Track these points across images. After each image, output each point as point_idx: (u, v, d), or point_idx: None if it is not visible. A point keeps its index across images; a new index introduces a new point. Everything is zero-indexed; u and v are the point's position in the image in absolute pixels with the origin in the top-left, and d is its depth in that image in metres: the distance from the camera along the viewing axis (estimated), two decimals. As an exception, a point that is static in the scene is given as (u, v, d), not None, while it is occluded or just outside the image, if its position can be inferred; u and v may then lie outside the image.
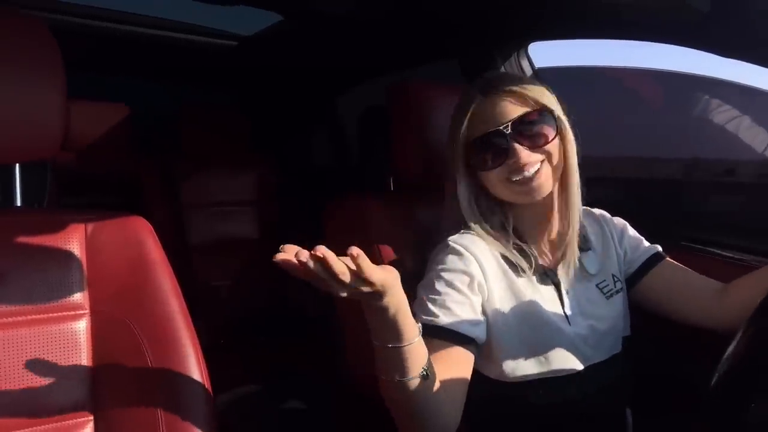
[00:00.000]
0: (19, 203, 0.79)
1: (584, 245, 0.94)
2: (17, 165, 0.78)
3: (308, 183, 2.22)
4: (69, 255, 0.72)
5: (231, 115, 2.11)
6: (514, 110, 0.85)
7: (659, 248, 0.99)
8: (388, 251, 1.00)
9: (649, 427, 0.98)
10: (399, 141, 1.07)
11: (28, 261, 0.70)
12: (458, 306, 0.82)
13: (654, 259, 0.97)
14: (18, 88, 0.67)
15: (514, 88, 0.86)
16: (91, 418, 0.69)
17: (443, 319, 0.81)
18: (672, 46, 1.06)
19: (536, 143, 0.85)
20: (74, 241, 0.73)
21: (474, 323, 0.82)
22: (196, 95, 2.35)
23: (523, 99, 0.85)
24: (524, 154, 0.84)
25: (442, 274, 0.85)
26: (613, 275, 0.96)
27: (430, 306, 0.82)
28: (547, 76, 1.42)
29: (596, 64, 1.60)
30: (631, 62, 1.56)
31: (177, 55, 1.91)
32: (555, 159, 0.86)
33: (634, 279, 0.98)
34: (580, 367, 0.87)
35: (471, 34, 1.40)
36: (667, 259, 0.97)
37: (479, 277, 0.85)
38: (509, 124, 0.84)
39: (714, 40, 0.96)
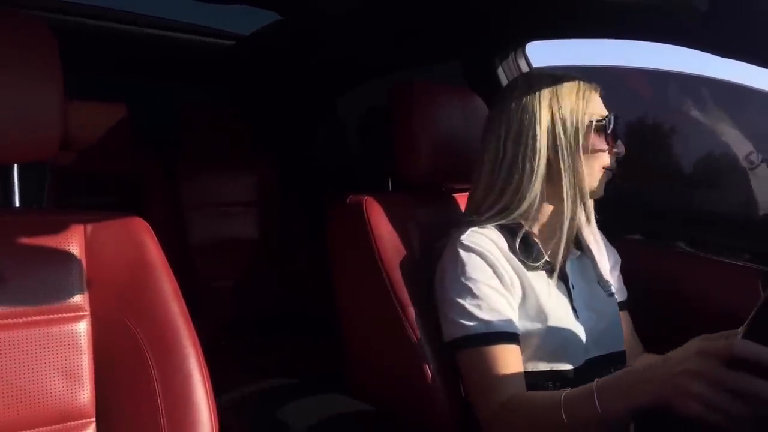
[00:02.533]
0: (17, 204, 0.78)
1: (588, 244, 0.98)
2: (15, 165, 0.77)
3: (309, 183, 2.22)
4: (68, 256, 0.71)
5: (231, 115, 2.11)
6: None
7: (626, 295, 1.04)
8: (388, 252, 1.00)
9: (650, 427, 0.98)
10: (401, 141, 1.07)
11: (27, 262, 0.69)
12: (502, 306, 0.84)
13: (622, 305, 1.02)
14: (16, 88, 0.66)
15: None
16: (93, 420, 0.69)
17: (497, 323, 0.82)
18: (670, 45, 1.06)
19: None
20: (73, 242, 0.72)
21: (515, 320, 0.85)
22: (197, 95, 2.34)
23: None
24: (623, 148, 0.90)
25: (473, 276, 0.85)
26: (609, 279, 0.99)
27: (477, 312, 0.83)
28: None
29: (593, 63, 1.60)
30: (627, 62, 1.56)
31: (176, 55, 1.91)
32: None
33: None
34: (586, 359, 0.89)
35: (469, 33, 1.40)
36: (626, 310, 1.03)
37: (506, 275, 0.86)
38: (615, 116, 0.89)
39: (713, 40, 0.96)
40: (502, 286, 0.86)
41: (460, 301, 0.85)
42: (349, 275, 1.09)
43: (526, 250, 0.89)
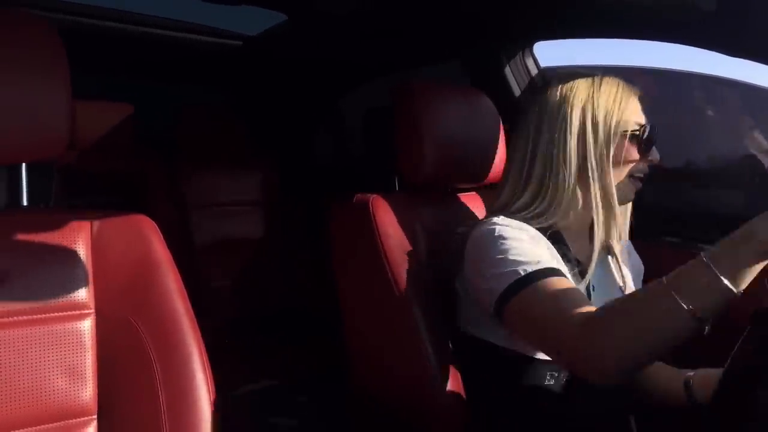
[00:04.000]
0: (25, 203, 0.79)
1: (614, 248, 0.96)
2: (24, 165, 0.78)
3: (312, 183, 2.22)
4: (74, 254, 0.72)
5: (235, 115, 2.11)
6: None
7: None
8: (393, 252, 1.00)
9: (651, 426, 0.98)
10: (404, 141, 1.07)
11: (34, 260, 0.70)
12: (545, 253, 0.81)
13: None
14: (24, 88, 0.67)
15: None
16: (95, 417, 0.69)
17: (545, 262, 0.78)
18: (678, 45, 1.06)
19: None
20: (80, 241, 0.73)
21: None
22: (200, 95, 2.35)
23: None
24: (657, 155, 0.88)
25: (511, 235, 0.81)
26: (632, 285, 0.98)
27: (522, 258, 0.78)
28: (551, 77, 1.42)
29: (601, 63, 1.60)
30: (636, 61, 1.56)
31: (181, 55, 1.92)
32: None
33: None
34: None
35: (475, 33, 1.40)
36: None
37: (540, 243, 0.84)
38: (653, 126, 0.87)
39: (720, 39, 0.96)
40: (538, 246, 0.83)
41: (501, 256, 0.80)
42: (353, 275, 1.09)
43: (554, 246, 0.87)
